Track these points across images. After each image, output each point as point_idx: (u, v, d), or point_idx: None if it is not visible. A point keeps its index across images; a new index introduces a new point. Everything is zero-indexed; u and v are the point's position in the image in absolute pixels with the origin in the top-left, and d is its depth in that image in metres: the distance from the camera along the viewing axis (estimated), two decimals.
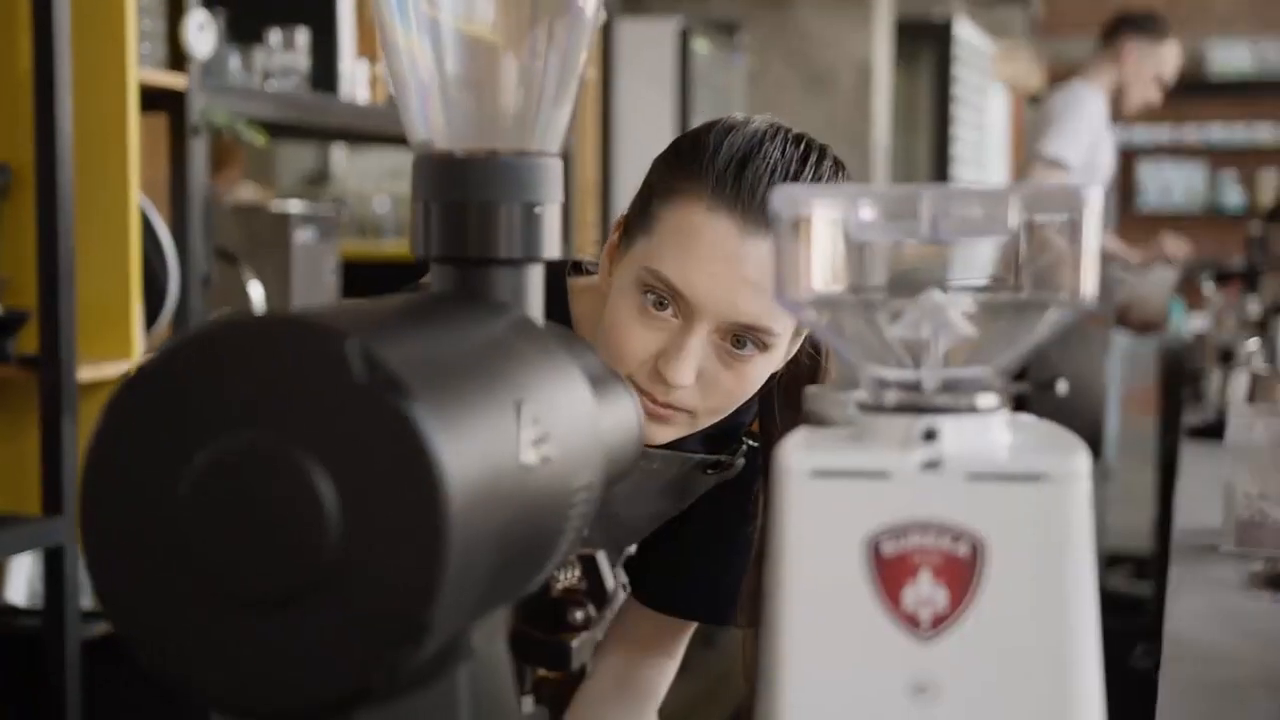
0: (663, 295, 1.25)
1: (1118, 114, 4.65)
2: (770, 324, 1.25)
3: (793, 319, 1.27)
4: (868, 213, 0.68)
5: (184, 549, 0.60)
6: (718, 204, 1.23)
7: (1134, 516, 5.78)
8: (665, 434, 1.30)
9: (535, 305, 0.78)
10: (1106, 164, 4.61)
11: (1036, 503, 0.65)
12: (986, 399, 0.68)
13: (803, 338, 1.35)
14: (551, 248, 0.78)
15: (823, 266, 0.68)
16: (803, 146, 1.28)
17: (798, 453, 0.67)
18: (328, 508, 0.59)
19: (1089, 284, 0.66)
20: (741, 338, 1.26)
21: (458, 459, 0.60)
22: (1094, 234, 0.65)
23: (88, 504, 0.61)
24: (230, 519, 0.59)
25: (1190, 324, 6.64)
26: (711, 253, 1.23)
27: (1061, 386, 0.73)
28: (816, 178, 1.26)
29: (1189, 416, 3.29)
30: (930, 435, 0.67)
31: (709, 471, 1.44)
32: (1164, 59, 4.57)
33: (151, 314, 2.50)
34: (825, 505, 0.66)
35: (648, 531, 1.49)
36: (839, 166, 1.29)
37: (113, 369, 2.37)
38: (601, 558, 0.83)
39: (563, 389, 0.72)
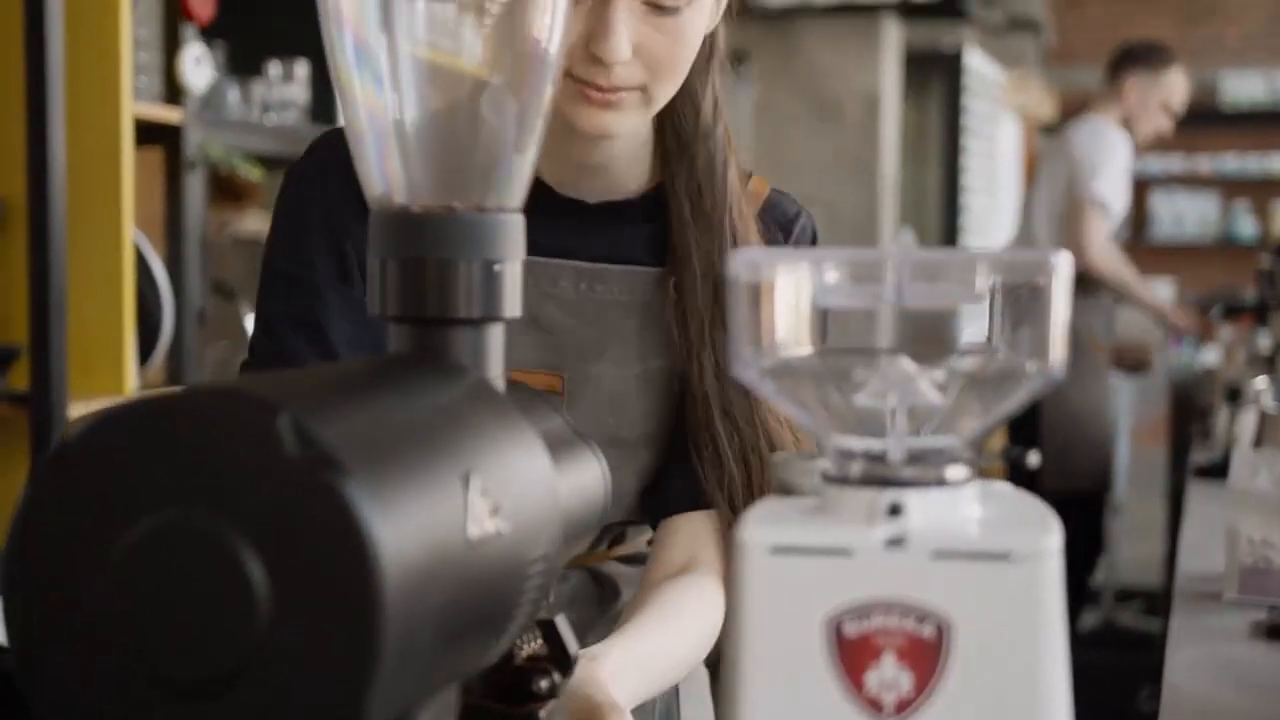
0: None
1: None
2: None
3: None
4: (832, 277, 0.65)
5: (110, 629, 0.58)
6: None
7: (1145, 549, 5.74)
8: (622, 120, 1.26)
9: (495, 366, 0.75)
10: (1125, 202, 4.63)
11: (1005, 583, 0.62)
12: (955, 471, 0.65)
13: None
14: (513, 306, 0.75)
15: (783, 332, 0.66)
16: None
17: (757, 528, 0.64)
18: (257, 589, 0.56)
19: (1058, 353, 0.63)
20: None
21: (395, 536, 0.57)
22: (1063, 302, 0.62)
23: (10, 583, 0.59)
24: (157, 599, 0.57)
25: (1201, 356, 6.61)
26: None
27: (1032, 459, 0.70)
28: None
29: (1196, 454, 3.25)
30: (895, 510, 0.64)
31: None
32: (1168, 88, 4.55)
33: (145, 349, 2.48)
34: (785, 583, 0.63)
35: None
36: None
37: (105, 405, 2.35)
38: (562, 622, 0.81)
39: (518, 457, 0.70)
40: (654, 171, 1.39)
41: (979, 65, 7.31)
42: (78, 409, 2.31)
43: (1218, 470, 2.71)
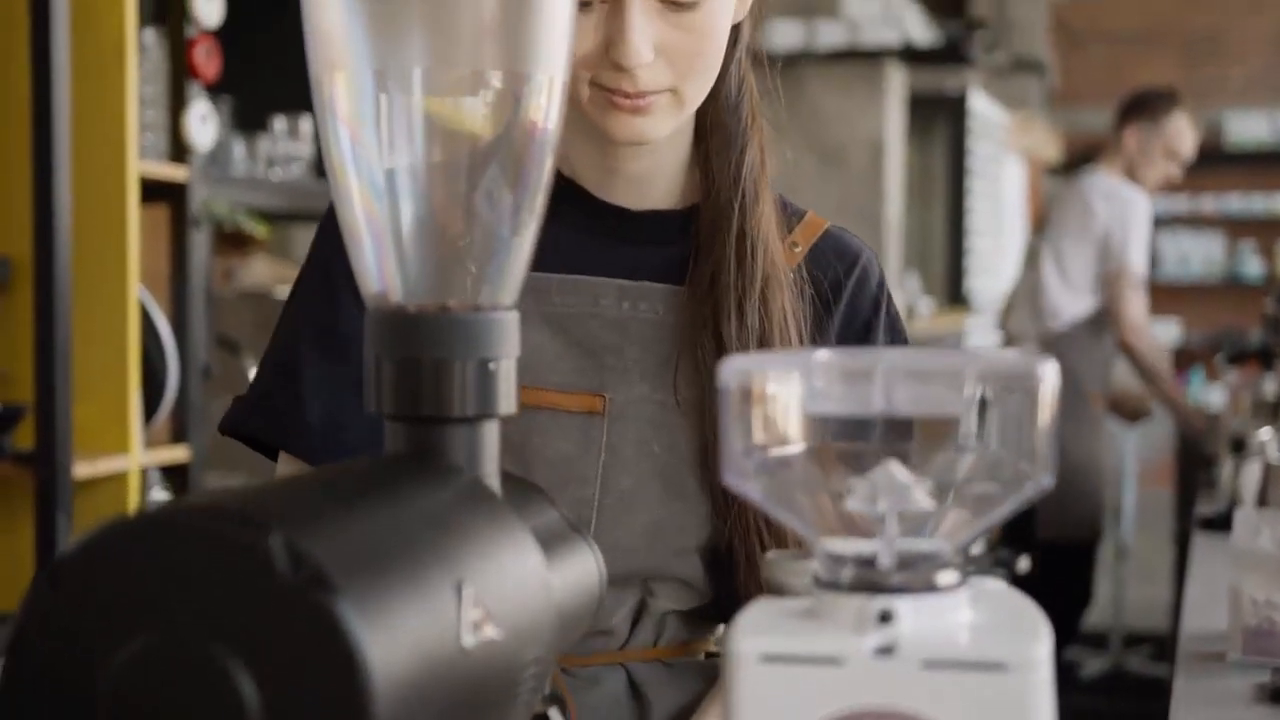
0: None
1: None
2: None
3: None
4: (820, 384, 0.66)
5: None
6: None
7: (1154, 592, 5.72)
8: (656, 124, 1.21)
9: (490, 462, 0.75)
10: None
11: (996, 692, 0.63)
12: (946, 576, 0.66)
13: None
14: (508, 403, 0.76)
15: (773, 438, 0.66)
16: None
17: (748, 636, 0.64)
18: (250, 708, 0.56)
19: (1044, 462, 0.63)
20: None
21: (388, 653, 0.57)
22: (1049, 410, 0.63)
23: (7, 706, 0.59)
24: (152, 719, 0.57)
25: (1208, 396, 6.60)
26: None
27: (1022, 564, 0.71)
28: None
29: (1202, 505, 3.24)
30: (886, 617, 0.64)
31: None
32: (1171, 135, 4.56)
33: (150, 407, 2.49)
34: (776, 691, 0.64)
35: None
36: None
37: (110, 464, 2.35)
38: (555, 715, 0.81)
39: (511, 560, 0.70)
40: (699, 179, 1.32)
41: (983, 108, 7.33)
42: (82, 468, 2.31)
43: (1222, 522, 2.70)
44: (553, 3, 0.76)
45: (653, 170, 1.30)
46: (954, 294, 7.01)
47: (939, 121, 7.04)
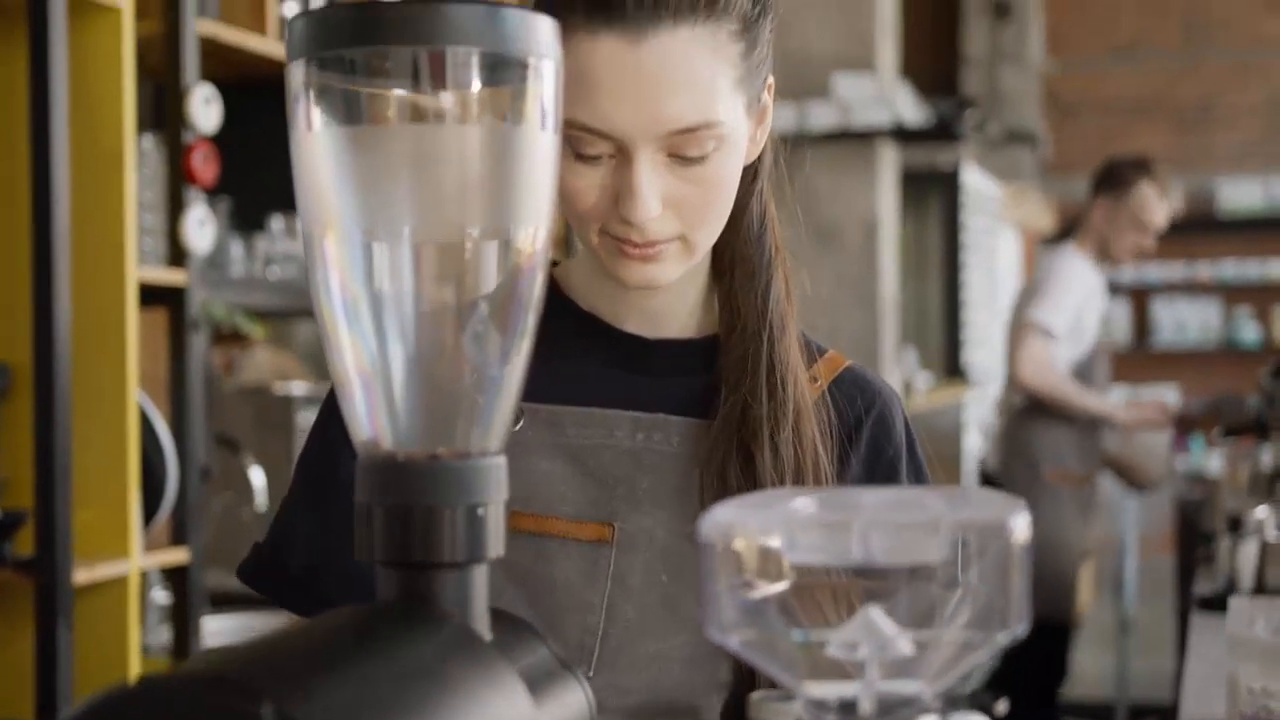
0: (586, 139, 1.15)
1: (1113, 262, 4.69)
2: (706, 116, 1.15)
3: (740, 94, 1.17)
4: (800, 535, 0.67)
5: None
6: (594, 24, 1.14)
7: (1160, 663, 5.69)
8: (666, 270, 1.21)
9: (479, 605, 0.77)
10: (1093, 326, 4.64)
11: None
12: None
13: (766, 118, 1.26)
14: (496, 547, 0.77)
15: (753, 588, 0.68)
16: None
17: None
18: None
19: (1018, 613, 0.65)
20: (687, 143, 1.15)
21: None
22: (1020, 565, 0.64)
23: None
24: None
25: (1208, 462, 6.61)
26: (608, 76, 1.13)
27: (1001, 707, 0.72)
28: None
29: (1201, 583, 3.25)
30: None
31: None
32: (1136, 205, 4.59)
33: (150, 510, 2.50)
34: None
35: None
36: None
37: (110, 569, 2.37)
38: None
39: (499, 708, 0.72)
40: (719, 310, 1.32)
41: (976, 181, 7.39)
42: (82, 573, 2.33)
43: (1220, 603, 2.71)
44: (535, 159, 0.78)
45: (669, 303, 1.30)
46: (951, 367, 7.04)
47: (932, 196, 7.09)
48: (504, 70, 0.77)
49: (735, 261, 1.30)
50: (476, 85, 0.76)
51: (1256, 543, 2.81)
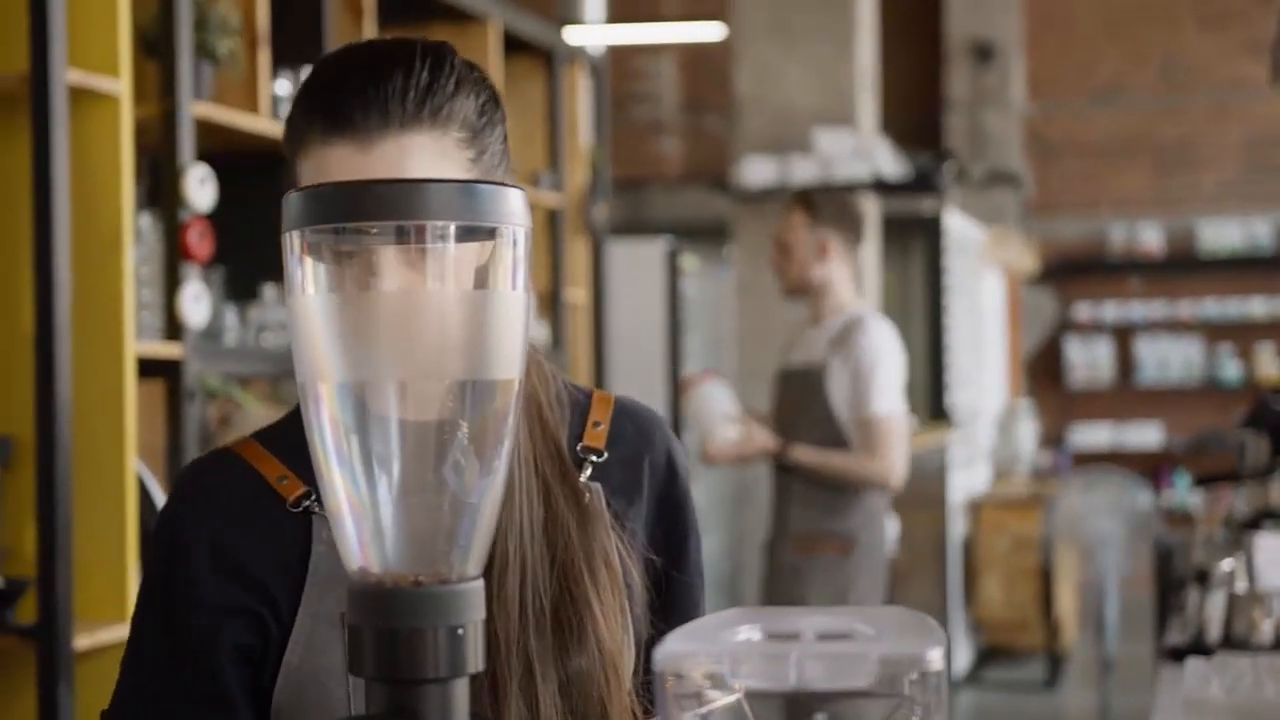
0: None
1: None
2: None
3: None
4: (743, 668, 0.76)
5: None
6: (329, 135, 1.21)
7: (1143, 699, 5.73)
8: None
9: (460, 716, 0.86)
10: None
11: None
12: None
13: None
14: (475, 663, 0.86)
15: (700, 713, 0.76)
16: (385, 46, 1.24)
17: None
18: None
19: None
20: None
21: None
22: (941, 695, 0.73)
23: None
24: None
25: (1192, 499, 6.69)
26: (340, 179, 1.18)
27: None
28: (409, 67, 1.21)
29: (1173, 632, 3.32)
30: None
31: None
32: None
33: None
34: None
35: None
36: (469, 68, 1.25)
37: (110, 634, 2.44)
38: None
39: None
40: None
41: (958, 225, 7.49)
42: (83, 640, 2.41)
43: (1193, 652, 2.78)
44: (510, 316, 0.88)
45: None
46: (936, 410, 7.12)
47: (915, 242, 7.19)
48: (478, 238, 0.87)
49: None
50: (453, 252, 0.86)
51: (1224, 595, 2.88)
